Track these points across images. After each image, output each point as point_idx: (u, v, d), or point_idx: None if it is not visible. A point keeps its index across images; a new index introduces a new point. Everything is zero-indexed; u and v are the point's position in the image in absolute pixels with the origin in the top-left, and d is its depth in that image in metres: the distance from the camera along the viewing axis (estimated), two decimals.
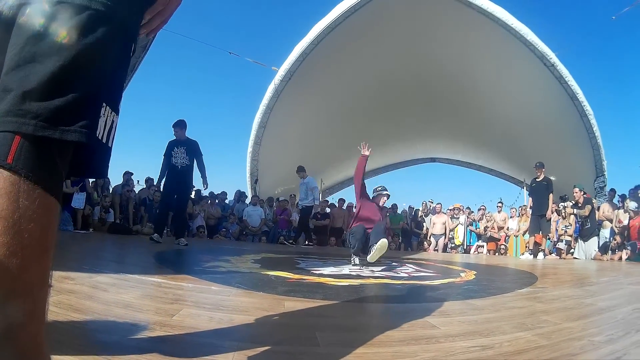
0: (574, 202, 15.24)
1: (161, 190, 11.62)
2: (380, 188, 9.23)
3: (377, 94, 20.10)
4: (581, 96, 17.16)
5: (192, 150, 10.89)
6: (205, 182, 11.35)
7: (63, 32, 1.18)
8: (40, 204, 1.10)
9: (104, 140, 1.31)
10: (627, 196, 15.46)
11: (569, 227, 15.42)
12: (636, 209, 14.32)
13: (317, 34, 17.20)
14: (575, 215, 15.04)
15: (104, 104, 1.31)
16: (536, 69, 16.99)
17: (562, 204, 15.85)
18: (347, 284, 4.90)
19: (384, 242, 7.32)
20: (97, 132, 1.27)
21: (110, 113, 1.34)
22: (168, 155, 10.74)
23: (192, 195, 16.67)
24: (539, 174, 14.04)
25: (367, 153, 8.72)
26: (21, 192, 1.07)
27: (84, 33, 1.21)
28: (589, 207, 14.54)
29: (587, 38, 47.49)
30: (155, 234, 10.55)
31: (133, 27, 1.45)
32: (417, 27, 17.07)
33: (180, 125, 10.94)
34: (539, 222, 13.76)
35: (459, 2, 15.93)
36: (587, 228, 14.61)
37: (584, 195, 15.07)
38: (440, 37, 17.38)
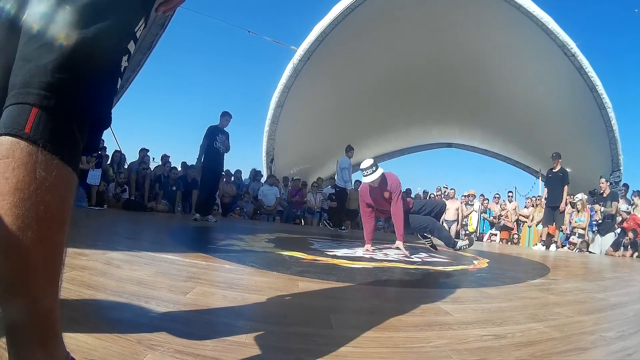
0: (599, 193, 15.11)
1: (201, 171, 12.29)
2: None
3: (395, 77, 20.00)
4: (600, 88, 16.99)
5: (228, 140, 11.74)
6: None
7: (83, 6, 1.17)
8: (57, 175, 1.08)
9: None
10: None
11: (594, 222, 15.27)
12: (627, 210, 14.26)
13: (337, 14, 17.07)
14: (602, 212, 14.84)
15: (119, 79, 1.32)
16: (556, 58, 16.80)
17: (577, 195, 15.73)
18: (360, 266, 4.91)
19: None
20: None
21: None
22: (212, 139, 11.37)
23: None
24: (555, 164, 13.85)
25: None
26: (39, 162, 1.05)
27: (103, 10, 1.21)
28: (615, 204, 14.40)
29: (609, 31, 47.06)
30: (210, 215, 11.71)
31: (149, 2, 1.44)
32: (437, 12, 16.95)
33: (230, 115, 11.82)
34: (552, 213, 13.65)
35: None
36: (605, 223, 14.51)
37: (611, 188, 15.02)
38: (460, 21, 17.20)
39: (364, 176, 7.12)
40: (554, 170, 13.90)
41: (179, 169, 16.27)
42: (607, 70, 60.68)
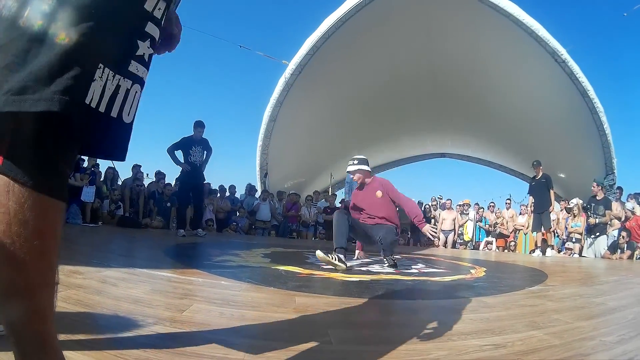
0: (593, 196, 15.09)
1: (178, 186, 12.47)
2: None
3: (388, 88, 20.03)
4: (592, 93, 17.01)
5: (206, 148, 11.52)
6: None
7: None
8: (31, 206, 1.07)
9: (102, 108, 1.18)
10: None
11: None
12: (632, 210, 14.31)
13: (327, 28, 17.10)
14: (596, 222, 14.80)
15: (101, 65, 1.16)
16: (547, 65, 16.86)
17: (573, 200, 15.78)
18: (357, 279, 4.88)
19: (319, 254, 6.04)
20: (87, 98, 1.14)
21: (114, 76, 1.20)
22: (186, 152, 11.24)
23: None
24: (537, 172, 14.02)
25: None
26: (10, 195, 1.05)
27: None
28: (609, 212, 14.43)
29: (599, 35, 47.37)
30: (181, 230, 11.30)
31: None
32: (428, 22, 17.00)
33: (203, 125, 11.51)
34: (540, 219, 13.76)
35: None
36: (598, 226, 14.51)
37: (604, 191, 15.10)
38: (452, 31, 17.29)
39: (348, 165, 7.35)
40: (536, 178, 14.02)
41: (173, 184, 16.20)
42: (599, 73, 61.15)
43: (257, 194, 19.07)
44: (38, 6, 1.09)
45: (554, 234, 14.54)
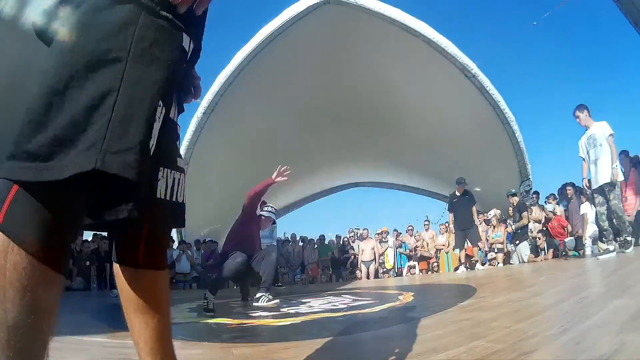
0: (511, 208, 15.39)
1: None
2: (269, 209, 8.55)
3: (297, 122, 20.00)
4: (503, 104, 17.71)
5: None
6: None
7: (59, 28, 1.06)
8: (29, 274, 0.96)
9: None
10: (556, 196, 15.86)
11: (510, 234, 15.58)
12: (553, 211, 14.78)
13: (239, 62, 17.14)
14: (514, 228, 15.09)
15: (160, 104, 1.10)
16: (458, 81, 17.37)
17: (491, 211, 16.13)
18: (289, 323, 4.86)
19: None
20: (151, 144, 1.08)
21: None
22: None
23: None
24: (459, 190, 14.14)
25: (277, 179, 8.05)
26: (8, 258, 0.95)
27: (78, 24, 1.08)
28: (525, 214, 14.72)
29: (508, 44, 49.70)
30: (115, 290, 11.01)
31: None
32: (338, 49, 17.22)
33: None
34: (464, 236, 13.92)
35: (377, 18, 16.03)
36: (517, 233, 14.83)
37: (520, 197, 15.58)
38: (360, 55, 17.56)
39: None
40: (458, 194, 14.17)
41: (90, 240, 15.70)
42: (513, 83, 64.04)
43: (175, 245, 18.66)
44: None
45: (477, 248, 14.78)
